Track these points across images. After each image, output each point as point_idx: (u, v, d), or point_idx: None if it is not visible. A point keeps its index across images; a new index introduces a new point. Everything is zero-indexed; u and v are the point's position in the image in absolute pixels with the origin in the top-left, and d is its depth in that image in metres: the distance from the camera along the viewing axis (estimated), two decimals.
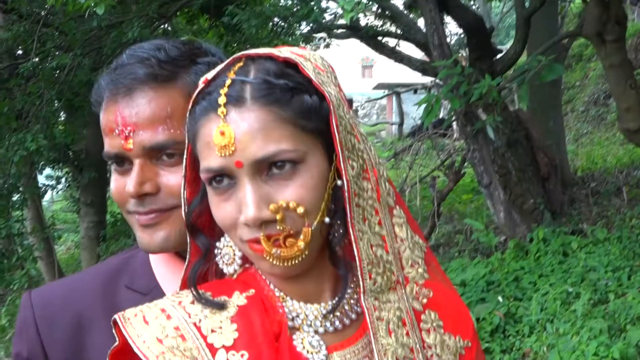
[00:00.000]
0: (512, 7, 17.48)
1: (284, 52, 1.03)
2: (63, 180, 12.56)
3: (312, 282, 1.08)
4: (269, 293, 1.08)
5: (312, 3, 8.02)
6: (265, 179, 0.98)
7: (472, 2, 13.29)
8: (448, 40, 8.52)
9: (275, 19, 8.89)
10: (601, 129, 14.64)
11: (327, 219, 1.02)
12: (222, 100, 0.98)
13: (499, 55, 8.26)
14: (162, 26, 9.27)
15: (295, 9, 8.38)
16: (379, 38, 10.85)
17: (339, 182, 1.02)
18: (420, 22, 10.61)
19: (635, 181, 9.30)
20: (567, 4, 11.98)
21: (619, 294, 5.72)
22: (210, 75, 1.04)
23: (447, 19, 9.40)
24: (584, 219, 8.02)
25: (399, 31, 10.81)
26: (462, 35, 12.80)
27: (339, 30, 11.14)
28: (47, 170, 11.98)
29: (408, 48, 11.32)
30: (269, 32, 8.92)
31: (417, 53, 11.79)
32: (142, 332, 0.98)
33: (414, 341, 1.08)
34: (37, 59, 7.77)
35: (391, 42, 11.27)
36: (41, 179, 11.75)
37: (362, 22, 10.59)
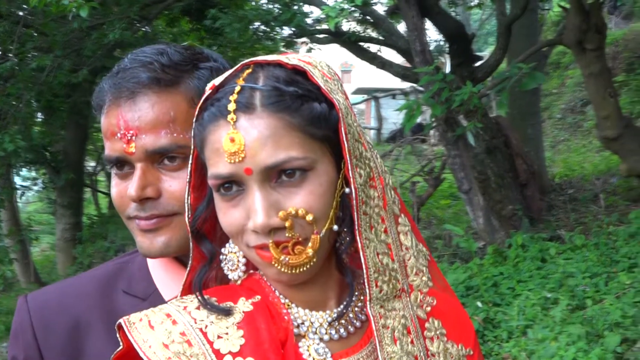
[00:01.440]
0: (491, 14, 17.65)
1: (292, 59, 1.03)
2: (39, 181, 12.46)
3: (318, 289, 1.08)
4: (274, 300, 1.07)
5: (295, 8, 8.02)
6: (274, 186, 0.98)
7: (452, 9, 13.36)
8: None
9: (257, 23, 8.87)
10: (578, 136, 14.80)
11: (335, 227, 1.01)
12: (231, 106, 0.97)
13: (479, 62, 8.32)
14: (143, 28, 9.23)
15: (277, 14, 8.37)
16: (361, 43, 10.88)
17: (346, 190, 1.02)
18: (402, 28, 10.65)
19: (612, 188, 9.40)
20: (546, 13, 12.09)
21: (596, 299, 5.76)
22: (217, 81, 1.03)
23: (427, 25, 9.45)
24: (561, 225, 8.08)
25: (380, 37, 10.84)
26: (442, 42, 12.87)
27: (321, 35, 11.15)
28: (23, 172, 11.88)
29: (388, 53, 11.36)
30: (251, 36, 8.91)
31: (397, 58, 11.82)
32: (148, 337, 0.97)
33: (418, 349, 1.09)
34: (16, 60, 7.69)
35: (372, 47, 11.29)
36: (17, 181, 11.64)
37: (344, 28, 10.60)
